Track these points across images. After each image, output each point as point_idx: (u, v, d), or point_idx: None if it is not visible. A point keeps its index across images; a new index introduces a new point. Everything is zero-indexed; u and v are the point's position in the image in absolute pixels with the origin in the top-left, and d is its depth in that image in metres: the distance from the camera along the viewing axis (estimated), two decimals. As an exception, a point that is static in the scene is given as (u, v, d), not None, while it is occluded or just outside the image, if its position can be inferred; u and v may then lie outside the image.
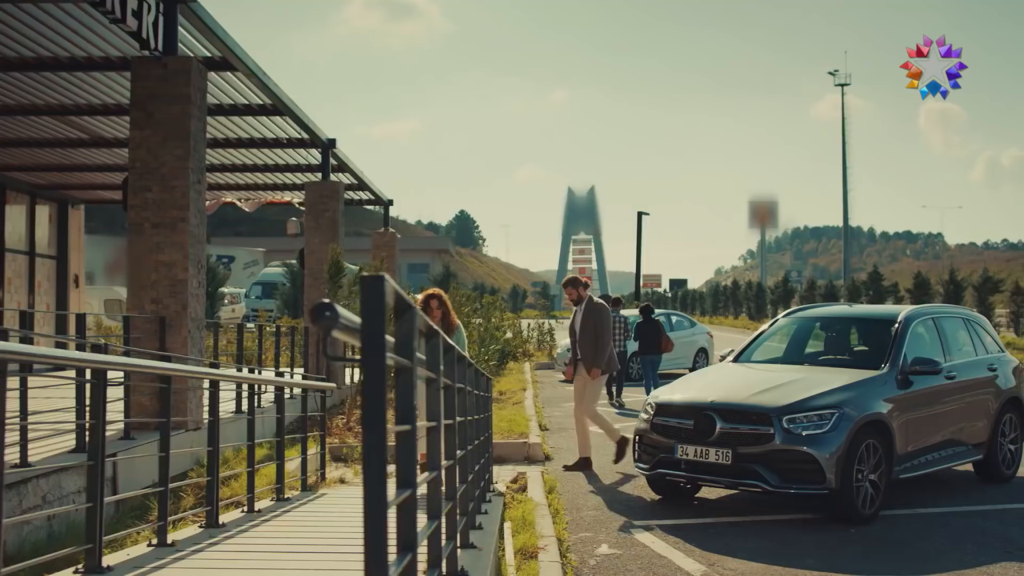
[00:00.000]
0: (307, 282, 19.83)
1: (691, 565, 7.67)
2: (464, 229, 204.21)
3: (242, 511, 7.85)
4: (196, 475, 9.91)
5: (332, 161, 19.74)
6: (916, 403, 9.79)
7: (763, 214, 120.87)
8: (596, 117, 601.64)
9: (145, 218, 10.58)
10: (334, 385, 12.18)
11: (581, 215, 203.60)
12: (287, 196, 24.50)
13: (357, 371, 20.04)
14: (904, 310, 10.80)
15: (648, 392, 20.44)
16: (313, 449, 10.66)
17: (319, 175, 20.23)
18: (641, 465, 9.85)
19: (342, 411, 15.42)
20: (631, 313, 24.00)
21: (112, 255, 52.22)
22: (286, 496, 8.89)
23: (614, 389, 20.26)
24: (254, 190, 23.30)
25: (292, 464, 10.16)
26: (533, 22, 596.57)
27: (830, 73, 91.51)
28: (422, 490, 3.34)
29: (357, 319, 2.54)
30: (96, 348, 6.19)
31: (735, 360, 11.11)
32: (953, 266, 44.81)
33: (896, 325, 10.34)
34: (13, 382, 7.63)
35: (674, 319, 27.10)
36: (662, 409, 9.68)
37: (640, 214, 32.36)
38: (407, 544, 3.05)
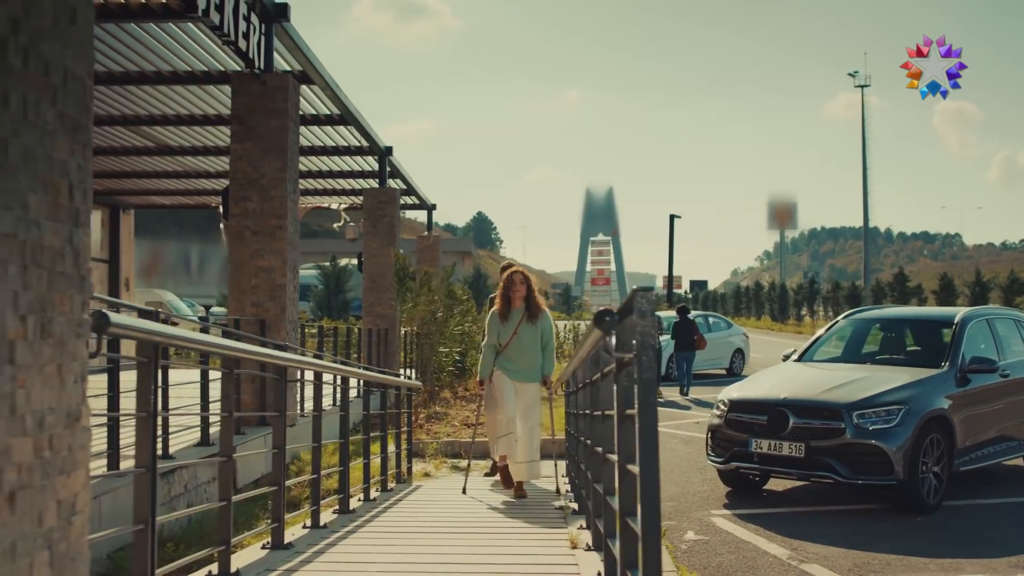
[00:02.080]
0: (365, 284, 20.50)
1: (776, 549, 8.24)
2: (481, 230, 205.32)
3: (358, 500, 8.47)
4: (295, 468, 10.53)
5: (387, 168, 20.44)
6: (974, 400, 10.36)
7: (783, 215, 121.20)
8: (609, 117, 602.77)
9: (246, 226, 11.24)
10: (421, 384, 12.87)
11: (599, 216, 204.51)
12: (333, 203, 25.18)
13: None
14: (960, 312, 11.36)
15: (682, 387, 21.27)
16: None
17: (375, 181, 20.94)
18: (715, 458, 10.41)
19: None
20: (667, 315, 24.83)
21: (146, 258, 53.15)
22: (389, 487, 9.52)
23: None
24: (315, 195, 24.02)
25: (378, 460, 10.77)
26: (544, 20, 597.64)
27: (850, 75, 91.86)
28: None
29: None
30: (279, 347, 6.81)
31: (799, 359, 11.69)
32: (973, 267, 45.22)
33: (954, 326, 10.92)
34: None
35: (711, 320, 27.75)
36: (736, 405, 10.25)
37: (672, 217, 32.98)
38: (630, 511, 3.68)
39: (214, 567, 4.83)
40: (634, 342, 3.01)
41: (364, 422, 8.70)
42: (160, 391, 8.56)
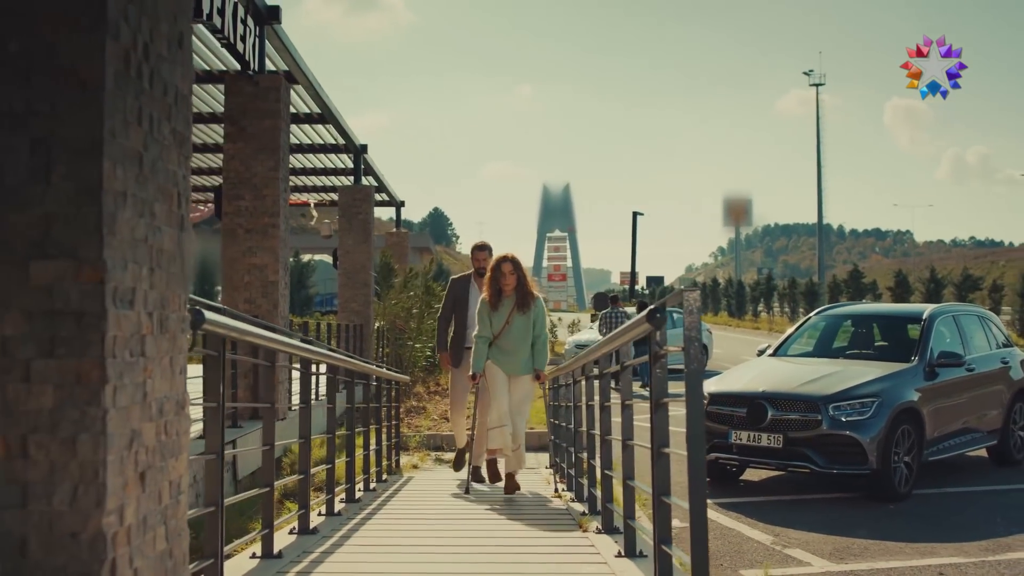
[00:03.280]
0: (341, 281, 20.72)
1: (759, 535, 8.62)
2: (438, 226, 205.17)
3: (359, 490, 8.75)
4: (288, 460, 10.79)
5: (361, 165, 20.71)
6: (942, 393, 10.81)
7: (737, 212, 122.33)
8: (563, 113, 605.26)
9: (238, 224, 11.47)
10: (407, 378, 13.22)
11: (556, 212, 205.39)
12: (304, 197, 25.37)
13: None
14: (928, 308, 11.85)
15: (643, 381, 21.77)
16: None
17: (347, 179, 21.19)
18: (695, 450, 10.79)
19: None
20: (633, 310, 25.35)
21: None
22: (383, 478, 9.81)
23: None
24: (292, 192, 24.24)
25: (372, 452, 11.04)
26: (496, 14, 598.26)
27: (805, 73, 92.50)
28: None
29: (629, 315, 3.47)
30: (306, 341, 7.04)
31: (773, 354, 12.11)
32: (923, 264, 46.15)
33: (922, 322, 11.39)
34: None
35: (675, 316, 28.15)
36: (715, 398, 10.63)
37: (635, 214, 33.44)
38: (664, 491, 4.02)
39: (257, 548, 5.13)
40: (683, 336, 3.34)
41: (365, 415, 8.98)
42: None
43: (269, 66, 13.41)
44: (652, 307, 3.46)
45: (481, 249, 10.14)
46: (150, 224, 2.91)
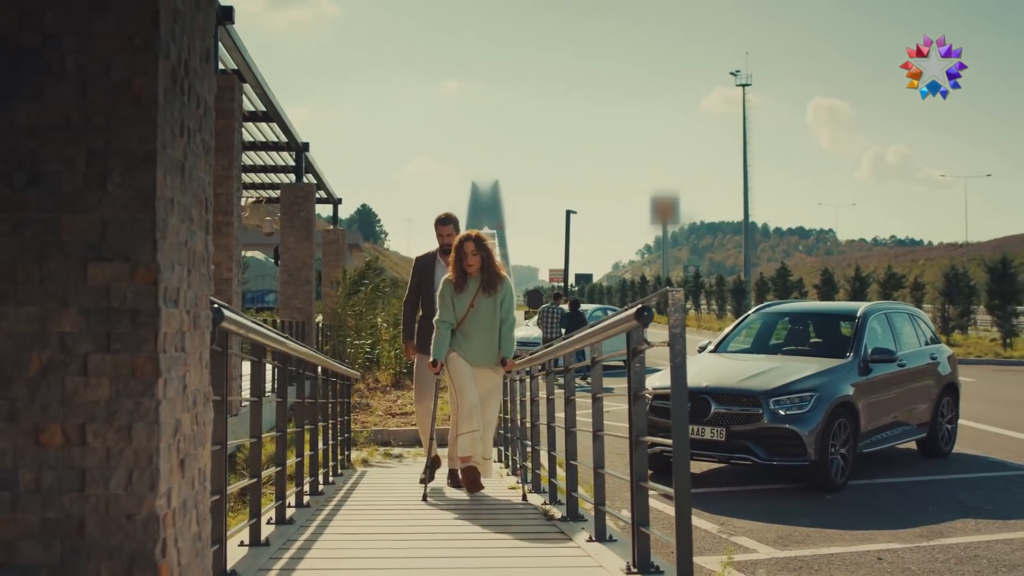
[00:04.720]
0: (282, 278, 20.76)
1: (706, 524, 8.98)
2: (366, 223, 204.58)
3: (320, 483, 8.93)
4: (242, 455, 10.93)
5: (303, 163, 20.80)
6: (875, 387, 11.29)
7: (665, 210, 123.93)
8: (491, 109, 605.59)
9: (193, 222, 11.55)
10: (358, 374, 13.40)
11: (485, 209, 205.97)
12: (246, 195, 25.37)
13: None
14: (861, 307, 12.33)
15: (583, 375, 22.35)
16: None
17: (292, 176, 21.25)
18: (641, 443, 11.14)
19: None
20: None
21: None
22: (339, 472, 10.00)
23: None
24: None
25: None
26: (422, 7, 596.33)
27: (732, 74, 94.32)
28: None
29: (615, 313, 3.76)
30: (291, 339, 7.21)
31: (714, 351, 12.52)
32: (846, 262, 47.31)
33: (856, 319, 11.87)
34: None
35: (610, 313, 28.77)
36: (660, 394, 10.97)
37: (568, 212, 33.88)
38: (642, 476, 4.30)
39: (243, 536, 5.32)
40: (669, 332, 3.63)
41: (323, 410, 9.16)
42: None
43: (219, 65, 13.50)
44: (640, 304, 3.74)
45: (445, 223, 9.12)
46: (189, 228, 3.12)
